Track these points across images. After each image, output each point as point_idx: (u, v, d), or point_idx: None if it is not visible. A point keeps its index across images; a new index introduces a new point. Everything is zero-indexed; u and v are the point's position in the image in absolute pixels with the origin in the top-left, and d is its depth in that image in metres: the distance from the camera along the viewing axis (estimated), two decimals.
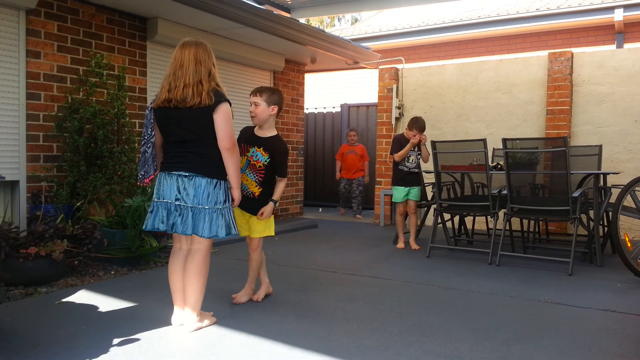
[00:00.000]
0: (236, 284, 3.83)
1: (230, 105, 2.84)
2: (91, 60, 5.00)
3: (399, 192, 5.56)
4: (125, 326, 2.93)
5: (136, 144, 5.25)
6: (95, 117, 4.82)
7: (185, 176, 2.78)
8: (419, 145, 5.48)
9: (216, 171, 2.82)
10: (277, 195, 3.36)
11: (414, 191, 5.55)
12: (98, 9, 5.24)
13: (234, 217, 2.95)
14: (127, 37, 5.54)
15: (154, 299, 3.48)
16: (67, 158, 4.81)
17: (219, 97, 2.77)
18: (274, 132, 3.39)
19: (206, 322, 2.95)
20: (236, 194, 2.91)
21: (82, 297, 3.52)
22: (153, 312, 3.20)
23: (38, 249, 3.71)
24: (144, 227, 2.89)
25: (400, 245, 5.60)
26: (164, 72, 5.74)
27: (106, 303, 3.38)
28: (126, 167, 4.88)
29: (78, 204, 4.63)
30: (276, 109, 3.33)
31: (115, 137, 4.98)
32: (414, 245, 5.54)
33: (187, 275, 2.85)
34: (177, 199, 2.78)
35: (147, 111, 2.91)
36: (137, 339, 2.74)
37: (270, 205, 3.32)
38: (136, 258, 4.37)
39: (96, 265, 4.32)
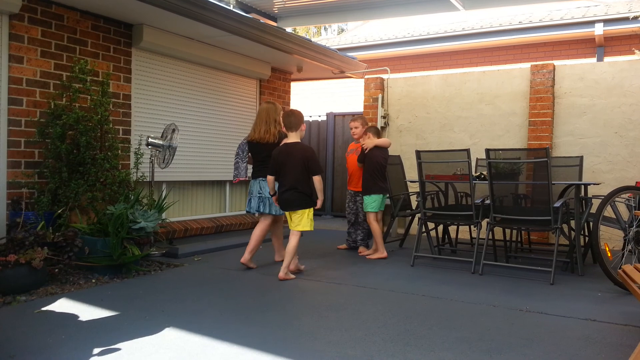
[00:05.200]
0: (217, 292, 3.80)
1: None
2: (75, 66, 4.95)
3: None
4: (105, 336, 2.89)
5: (119, 151, 5.20)
6: (78, 124, 4.77)
7: (263, 180, 4.82)
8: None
9: None
10: None
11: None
12: (83, 15, 5.20)
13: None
14: (112, 44, 5.50)
15: (136, 308, 3.44)
16: (48, 164, 4.74)
17: (281, 136, 4.79)
18: None
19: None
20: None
21: (62, 305, 3.47)
22: (134, 321, 3.16)
23: (17, 256, 3.64)
24: (248, 209, 4.91)
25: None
26: (149, 78, 5.83)
27: (87, 312, 3.33)
28: (109, 174, 4.83)
29: (59, 211, 4.56)
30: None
31: (98, 144, 4.93)
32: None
33: (277, 234, 5.17)
34: (259, 193, 4.85)
35: (244, 141, 5.06)
36: (118, 349, 2.70)
37: None
38: (118, 266, 4.31)
39: (77, 274, 4.26)
